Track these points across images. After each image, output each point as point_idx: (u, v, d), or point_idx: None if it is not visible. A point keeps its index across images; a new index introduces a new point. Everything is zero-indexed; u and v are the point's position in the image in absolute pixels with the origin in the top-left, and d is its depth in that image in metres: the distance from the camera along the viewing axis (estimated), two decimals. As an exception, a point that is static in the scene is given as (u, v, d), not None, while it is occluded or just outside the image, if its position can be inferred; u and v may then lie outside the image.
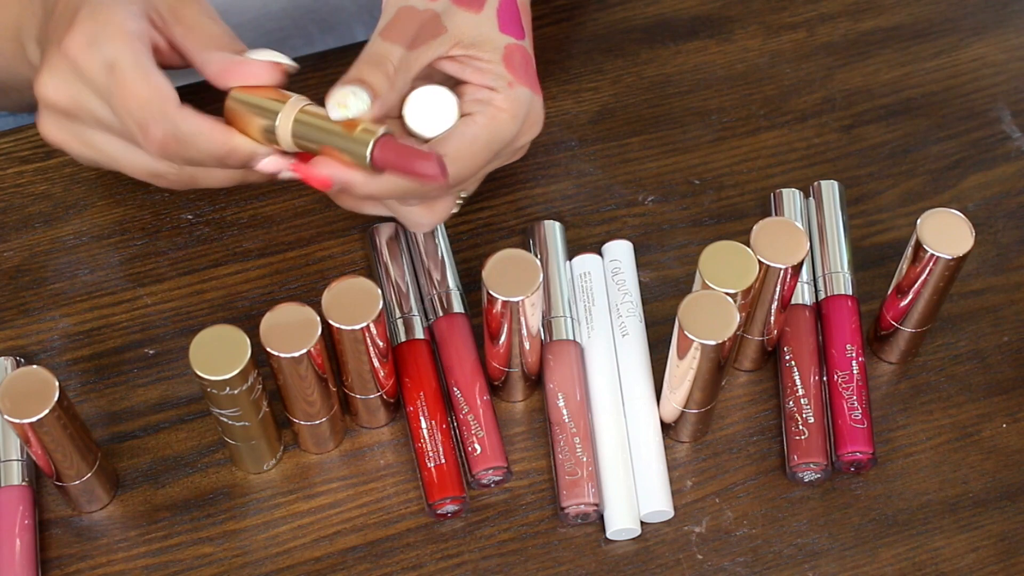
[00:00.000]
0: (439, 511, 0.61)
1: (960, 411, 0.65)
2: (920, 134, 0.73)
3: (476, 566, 0.61)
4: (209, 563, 0.61)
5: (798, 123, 0.73)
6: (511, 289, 0.58)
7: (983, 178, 0.71)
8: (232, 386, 0.55)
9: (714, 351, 0.57)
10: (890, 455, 0.64)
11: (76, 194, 0.69)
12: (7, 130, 0.71)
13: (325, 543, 0.61)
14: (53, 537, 0.61)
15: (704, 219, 0.70)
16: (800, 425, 0.62)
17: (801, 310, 0.65)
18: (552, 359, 0.63)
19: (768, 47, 0.75)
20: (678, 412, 0.62)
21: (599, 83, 0.74)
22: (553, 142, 0.72)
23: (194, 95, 0.58)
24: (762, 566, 0.61)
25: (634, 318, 0.65)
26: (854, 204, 0.70)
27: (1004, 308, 0.68)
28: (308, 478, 0.63)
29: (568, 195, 0.70)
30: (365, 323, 0.56)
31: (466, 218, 0.69)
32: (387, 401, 0.63)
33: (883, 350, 0.66)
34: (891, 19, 0.76)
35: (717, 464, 0.63)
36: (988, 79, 0.74)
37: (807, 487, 0.63)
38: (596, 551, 0.61)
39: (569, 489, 0.61)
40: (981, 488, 0.63)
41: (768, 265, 0.59)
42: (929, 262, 0.59)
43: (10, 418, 0.54)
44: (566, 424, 0.62)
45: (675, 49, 0.75)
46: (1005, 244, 0.69)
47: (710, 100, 0.73)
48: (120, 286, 0.67)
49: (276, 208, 0.69)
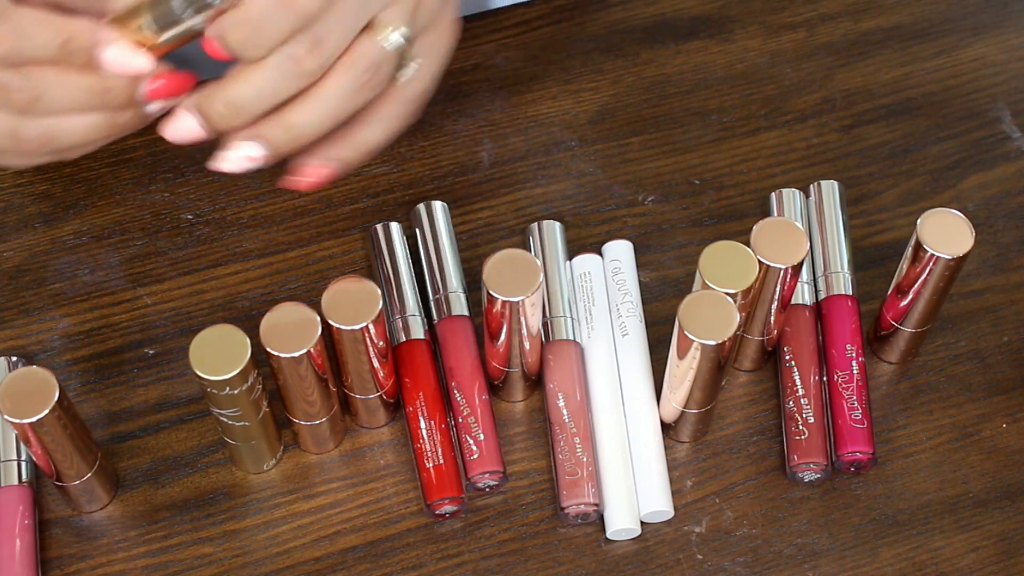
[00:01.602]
0: (437, 511, 0.61)
1: (960, 411, 0.65)
2: (920, 134, 0.73)
3: (476, 566, 0.61)
4: (209, 563, 0.61)
5: (798, 123, 0.73)
6: (511, 289, 0.58)
7: (983, 178, 0.71)
8: (232, 386, 0.55)
9: (714, 351, 0.57)
10: (890, 455, 0.64)
11: (76, 194, 0.69)
12: (7, 130, 0.71)
13: (325, 543, 0.61)
14: (53, 537, 0.61)
15: (704, 219, 0.70)
16: (800, 425, 0.62)
17: (801, 310, 0.65)
18: (552, 359, 0.63)
19: (768, 47, 0.75)
20: (678, 412, 0.62)
21: (599, 83, 0.74)
22: (553, 142, 0.72)
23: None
24: (762, 566, 0.61)
25: (634, 318, 0.65)
26: (854, 204, 0.70)
27: (1004, 308, 0.68)
28: (308, 478, 0.63)
29: (568, 195, 0.70)
30: (365, 323, 0.56)
31: (466, 218, 0.69)
32: (387, 401, 0.63)
33: (883, 350, 0.66)
34: (891, 19, 0.76)
35: (717, 464, 0.63)
36: (988, 79, 0.74)
37: (807, 487, 0.63)
38: (596, 551, 0.61)
39: (569, 489, 0.61)
40: (981, 488, 0.63)
41: (768, 265, 0.59)
42: (929, 262, 0.59)
43: (10, 418, 0.54)
44: (566, 424, 0.62)
45: (675, 49, 0.75)
46: (1005, 244, 0.69)
47: (710, 100, 0.73)
48: (120, 286, 0.67)
49: (276, 208, 0.69)
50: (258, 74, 0.52)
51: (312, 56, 0.52)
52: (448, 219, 0.67)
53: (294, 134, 0.54)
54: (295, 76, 0.52)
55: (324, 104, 0.54)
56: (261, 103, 0.53)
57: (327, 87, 0.53)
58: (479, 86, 0.73)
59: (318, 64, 0.52)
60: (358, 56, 0.54)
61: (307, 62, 0.52)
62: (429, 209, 0.67)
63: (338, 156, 0.57)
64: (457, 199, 0.70)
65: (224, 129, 0.54)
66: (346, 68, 0.54)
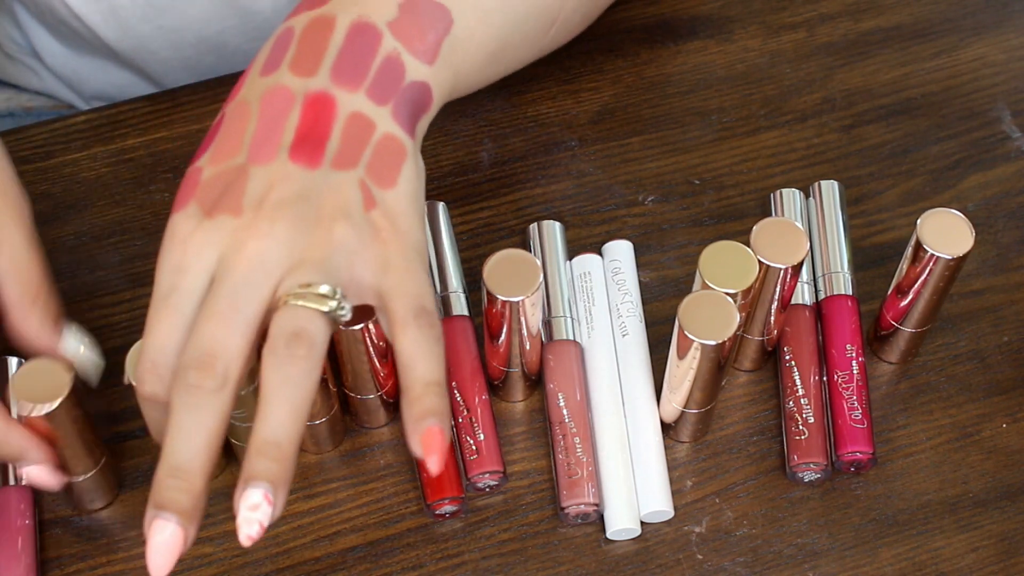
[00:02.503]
0: (437, 511, 0.61)
1: (960, 411, 0.65)
2: (920, 134, 0.73)
3: (476, 566, 0.61)
4: (209, 563, 0.61)
5: (798, 123, 0.73)
6: (511, 289, 0.58)
7: (983, 178, 0.71)
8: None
9: (714, 351, 0.57)
10: (890, 455, 0.64)
11: (76, 194, 0.69)
12: (7, 130, 0.71)
13: (325, 543, 0.61)
14: (53, 537, 0.61)
15: (704, 219, 0.70)
16: (800, 425, 0.62)
17: (801, 310, 0.65)
18: (552, 359, 0.63)
19: (768, 47, 0.75)
20: (678, 412, 0.62)
21: (599, 83, 0.74)
22: (553, 142, 0.72)
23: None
24: (762, 566, 0.61)
25: (634, 318, 0.65)
26: (854, 204, 0.70)
27: (1004, 308, 0.68)
28: (308, 478, 0.63)
29: (568, 195, 0.70)
30: (365, 323, 0.56)
31: (466, 218, 0.69)
32: (387, 401, 0.63)
33: (883, 350, 0.66)
34: (891, 19, 0.76)
35: (717, 464, 0.63)
36: (988, 79, 0.74)
37: (807, 487, 0.63)
38: (596, 551, 0.61)
39: (569, 489, 0.61)
40: (981, 488, 0.63)
41: (768, 265, 0.59)
42: (929, 262, 0.59)
43: (24, 403, 0.54)
44: (566, 424, 0.62)
45: (675, 49, 0.75)
46: (1005, 244, 0.69)
47: (710, 100, 0.73)
48: (120, 286, 0.67)
49: (276, 208, 0.69)
50: (175, 423, 0.49)
51: (207, 372, 0.49)
52: (448, 219, 0.67)
53: (278, 451, 0.49)
54: (209, 401, 0.49)
55: (277, 401, 0.49)
56: (201, 450, 0.49)
57: (266, 386, 0.49)
58: (479, 86, 0.73)
59: (221, 376, 0.49)
60: (271, 338, 0.49)
61: (207, 380, 0.49)
62: (429, 209, 0.67)
63: (434, 412, 0.51)
64: (457, 199, 0.70)
65: (193, 500, 0.49)
66: (267, 355, 0.49)
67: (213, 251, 0.51)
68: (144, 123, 0.72)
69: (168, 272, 0.51)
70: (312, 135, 0.52)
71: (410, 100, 0.55)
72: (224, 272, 0.50)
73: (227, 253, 0.50)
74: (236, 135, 0.53)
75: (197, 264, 0.51)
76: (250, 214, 0.51)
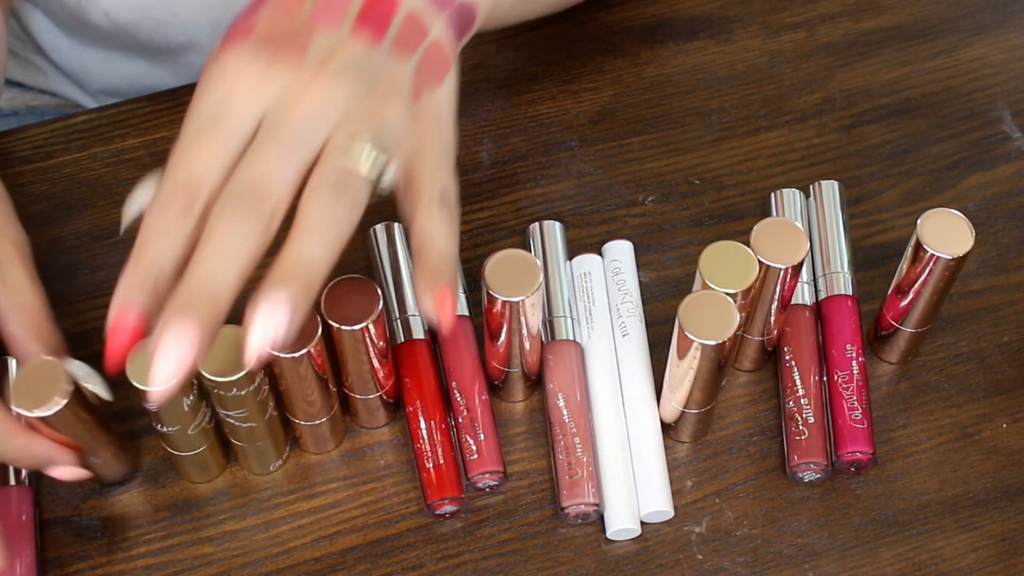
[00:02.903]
0: (438, 511, 0.61)
1: (960, 411, 0.65)
2: (920, 134, 0.73)
3: (476, 566, 0.61)
4: (209, 563, 0.61)
5: (798, 123, 0.73)
6: (511, 289, 0.58)
7: (983, 178, 0.71)
8: (239, 387, 0.55)
9: (714, 351, 0.57)
10: (890, 455, 0.64)
11: (76, 194, 0.69)
12: (7, 130, 0.71)
13: (325, 543, 0.61)
14: (53, 537, 0.61)
15: (704, 219, 0.70)
16: (800, 425, 0.62)
17: (801, 310, 0.65)
18: (552, 359, 0.63)
19: (768, 47, 0.75)
20: (678, 412, 0.62)
21: (599, 83, 0.74)
22: (553, 142, 0.72)
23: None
24: (762, 566, 0.61)
25: (634, 318, 0.65)
26: (854, 204, 0.70)
27: (1004, 308, 0.68)
28: (308, 478, 0.63)
29: (568, 195, 0.70)
30: (365, 323, 0.56)
31: (466, 218, 0.69)
32: (387, 401, 0.63)
33: (883, 350, 0.66)
34: (891, 19, 0.77)
35: (717, 464, 0.63)
36: (988, 79, 0.74)
37: (807, 487, 0.63)
38: (596, 551, 0.61)
39: (569, 489, 0.61)
40: (981, 488, 0.63)
41: (768, 265, 0.59)
42: (929, 262, 0.59)
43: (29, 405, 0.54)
44: (566, 424, 0.62)
45: (675, 49, 0.75)
46: (1005, 244, 0.69)
47: (710, 100, 0.73)
48: (120, 286, 0.67)
49: (276, 208, 0.69)
50: (213, 243, 0.49)
51: (257, 206, 0.49)
52: (448, 219, 0.67)
53: (305, 272, 0.49)
54: (254, 230, 0.49)
55: (314, 230, 0.49)
56: (235, 274, 0.49)
57: (305, 219, 0.49)
58: (479, 86, 0.73)
59: (270, 211, 0.49)
60: (316, 181, 0.50)
61: (254, 213, 0.49)
62: (429, 209, 0.67)
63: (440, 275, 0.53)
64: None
65: (213, 317, 0.49)
66: (311, 193, 0.50)
67: (266, 95, 0.50)
68: (144, 123, 0.72)
69: (212, 103, 0.50)
70: (376, 12, 0.53)
71: (460, 16, 0.57)
72: (280, 115, 0.50)
73: (285, 99, 0.50)
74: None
75: (247, 104, 0.50)
76: (310, 71, 0.51)
